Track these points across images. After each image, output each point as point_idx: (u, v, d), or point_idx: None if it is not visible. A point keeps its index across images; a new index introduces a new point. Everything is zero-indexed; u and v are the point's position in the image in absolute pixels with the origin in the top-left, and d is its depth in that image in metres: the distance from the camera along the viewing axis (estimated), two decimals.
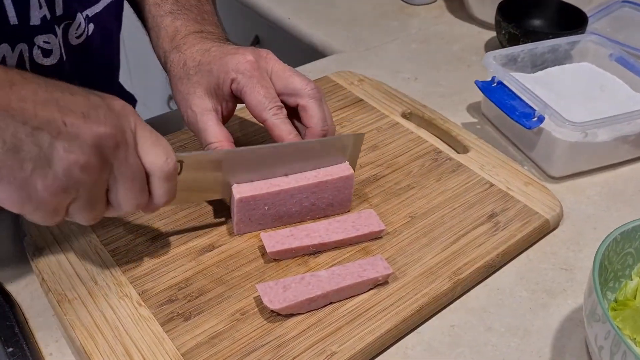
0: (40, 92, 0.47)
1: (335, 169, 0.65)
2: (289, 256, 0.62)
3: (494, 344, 0.58)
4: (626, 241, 0.57)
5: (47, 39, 0.66)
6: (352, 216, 0.65)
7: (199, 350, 0.53)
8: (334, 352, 0.53)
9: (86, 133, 0.47)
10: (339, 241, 0.63)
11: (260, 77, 0.62)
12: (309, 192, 0.64)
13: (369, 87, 0.87)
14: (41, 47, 0.66)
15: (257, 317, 0.56)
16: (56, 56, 0.68)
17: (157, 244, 0.63)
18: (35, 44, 0.66)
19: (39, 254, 0.61)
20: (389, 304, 0.58)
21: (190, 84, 0.64)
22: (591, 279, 0.51)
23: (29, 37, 0.65)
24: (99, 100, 0.50)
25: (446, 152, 0.76)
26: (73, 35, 0.71)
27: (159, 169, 0.52)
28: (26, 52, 0.65)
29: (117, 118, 0.49)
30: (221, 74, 0.63)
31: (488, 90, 0.80)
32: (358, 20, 1.13)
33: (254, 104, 0.62)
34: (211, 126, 0.63)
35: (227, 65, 0.62)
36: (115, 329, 0.54)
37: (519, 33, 0.95)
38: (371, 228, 0.63)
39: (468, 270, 0.61)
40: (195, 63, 0.65)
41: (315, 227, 0.63)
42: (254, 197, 0.61)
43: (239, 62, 0.62)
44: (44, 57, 0.67)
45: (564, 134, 0.73)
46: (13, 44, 0.64)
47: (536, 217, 0.67)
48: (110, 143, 0.48)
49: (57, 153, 0.46)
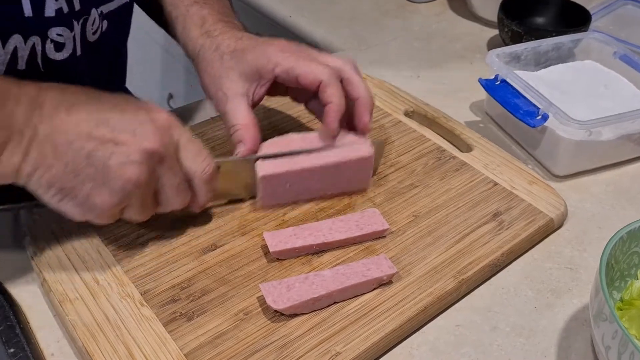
0: (93, 113, 0.53)
1: (355, 148, 0.66)
2: (292, 255, 0.61)
3: (499, 344, 0.57)
4: (632, 240, 0.56)
5: (61, 31, 0.66)
6: (356, 215, 0.64)
7: (202, 351, 0.53)
8: (338, 352, 0.53)
9: (136, 150, 0.53)
10: (343, 240, 0.62)
11: (307, 57, 0.66)
12: (330, 171, 0.66)
13: (371, 86, 0.86)
14: (54, 41, 0.66)
15: (260, 317, 0.56)
16: (68, 50, 0.69)
17: (159, 243, 0.62)
18: (49, 37, 0.66)
19: (40, 253, 0.60)
20: (394, 304, 0.57)
21: (224, 68, 0.67)
22: (598, 279, 0.51)
23: (43, 30, 0.65)
24: (145, 115, 0.55)
25: (449, 151, 0.76)
26: (90, 31, 0.71)
27: (200, 175, 0.58)
28: (39, 46, 0.66)
29: (162, 132, 0.55)
30: (261, 60, 0.65)
31: (492, 89, 0.79)
32: (359, 19, 1.13)
33: (310, 80, 0.64)
34: (241, 110, 0.66)
35: (267, 51, 0.66)
36: (117, 329, 0.54)
37: (522, 31, 0.95)
38: (375, 227, 0.63)
39: (473, 269, 0.61)
40: (230, 49, 0.67)
41: (318, 226, 0.63)
42: (276, 175, 0.64)
43: (280, 48, 0.66)
44: (56, 51, 0.67)
45: (568, 132, 0.73)
46: (26, 35, 0.64)
47: (541, 216, 0.67)
48: (157, 157, 0.54)
49: (111, 172, 0.52)
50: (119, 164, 0.52)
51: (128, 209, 0.56)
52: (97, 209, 0.54)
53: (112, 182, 0.52)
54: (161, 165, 0.55)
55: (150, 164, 0.54)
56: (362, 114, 0.66)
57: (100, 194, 0.53)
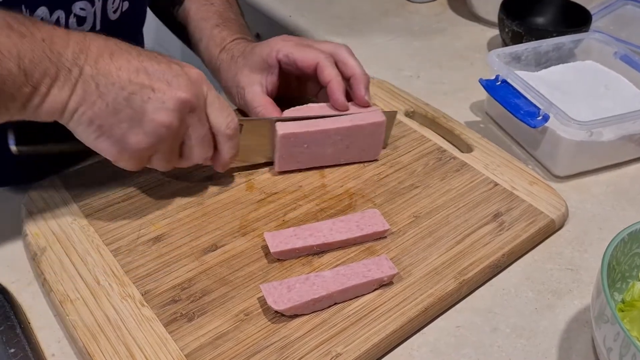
0: (133, 61, 0.57)
1: (369, 115, 0.72)
2: (292, 256, 0.61)
3: (500, 345, 0.57)
4: (634, 242, 0.56)
5: (84, 5, 0.68)
6: (356, 216, 0.64)
7: (203, 352, 0.53)
8: (339, 353, 0.53)
9: (170, 98, 0.57)
10: (343, 241, 0.62)
11: (300, 42, 0.75)
12: (344, 134, 0.70)
13: (371, 86, 0.86)
14: (77, 15, 0.68)
15: (261, 318, 0.56)
16: (89, 24, 0.70)
17: (159, 243, 0.62)
18: (72, 12, 0.68)
19: (41, 253, 0.60)
20: (394, 305, 0.57)
21: (237, 67, 0.76)
22: (599, 280, 0.51)
23: (68, 4, 0.67)
24: (179, 69, 0.59)
25: (450, 151, 0.76)
26: (111, 9, 0.73)
27: (225, 129, 0.62)
28: (63, 19, 0.67)
29: (194, 85, 0.59)
30: (265, 50, 0.74)
31: (492, 89, 0.79)
32: (359, 18, 1.13)
33: (302, 57, 0.72)
34: (258, 94, 0.74)
35: (270, 42, 0.75)
36: (117, 329, 0.54)
37: (523, 31, 0.95)
38: (375, 228, 0.63)
39: (473, 270, 0.61)
40: (240, 52, 0.77)
41: (319, 226, 0.63)
42: (294, 135, 0.68)
43: (283, 38, 0.75)
44: (78, 25, 0.69)
45: (569, 132, 0.72)
46: (52, 8, 0.65)
47: (541, 217, 0.67)
48: (188, 107, 0.59)
49: (147, 115, 0.57)
50: (155, 108, 0.57)
51: (156, 156, 0.60)
52: (130, 149, 0.57)
53: (146, 124, 0.57)
54: (191, 115, 0.59)
55: (182, 112, 0.58)
56: (358, 89, 0.72)
57: (135, 134, 0.57)
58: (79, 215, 0.64)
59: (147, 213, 0.65)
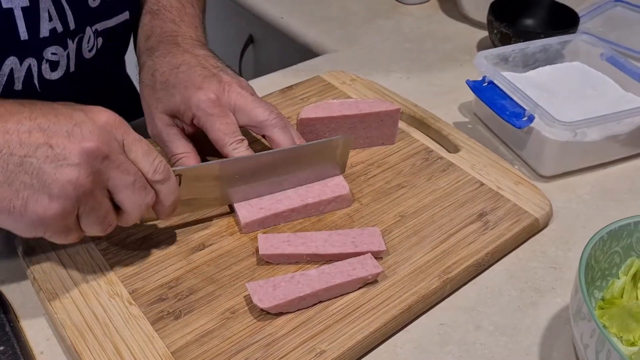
0: (24, 121, 0.50)
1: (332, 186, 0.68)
2: (281, 261, 0.61)
3: (483, 343, 0.58)
4: (613, 240, 0.57)
5: (55, 50, 0.67)
6: (355, 231, 0.63)
7: (189, 349, 0.53)
8: (323, 351, 0.54)
9: (72, 151, 0.50)
10: (335, 255, 0.61)
11: (220, 113, 0.65)
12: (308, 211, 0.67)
13: (361, 87, 0.87)
14: (49, 61, 0.67)
15: (247, 316, 0.56)
16: (62, 69, 0.69)
17: (147, 243, 0.63)
18: (44, 58, 0.66)
19: (30, 252, 0.61)
20: (378, 303, 0.58)
21: (155, 98, 0.68)
22: (577, 278, 0.51)
23: (38, 51, 0.66)
24: (82, 115, 0.52)
25: (437, 152, 0.77)
26: (86, 49, 0.72)
27: (152, 174, 0.55)
28: (35, 67, 0.66)
29: (101, 131, 0.52)
30: (182, 107, 0.66)
31: (479, 90, 0.80)
32: (351, 20, 1.14)
33: (215, 140, 0.65)
34: (176, 139, 0.67)
35: (190, 100, 0.65)
36: (105, 327, 0.55)
37: (511, 32, 0.95)
38: (371, 247, 0.62)
39: (457, 269, 0.62)
40: (163, 79, 0.68)
41: (314, 236, 0.62)
42: (258, 221, 0.65)
43: (200, 99, 0.64)
44: (51, 71, 0.68)
45: (554, 133, 0.73)
46: (22, 57, 0.65)
47: (526, 216, 0.68)
48: (97, 156, 0.51)
49: (48, 176, 0.49)
50: (55, 166, 0.49)
51: (83, 220, 0.52)
52: (41, 220, 0.50)
53: (50, 187, 0.49)
54: (107, 164, 0.52)
55: (91, 163, 0.50)
56: None
57: (39, 201, 0.49)
58: None
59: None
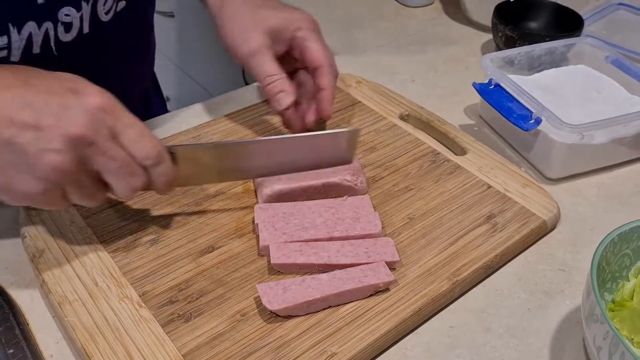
0: (16, 98, 0.50)
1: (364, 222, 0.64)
2: (293, 271, 0.61)
3: (493, 345, 0.58)
4: (623, 242, 0.57)
5: (68, 11, 0.67)
6: (368, 242, 0.62)
7: (200, 352, 0.53)
8: (334, 353, 0.54)
9: (58, 136, 0.49)
10: (347, 265, 0.60)
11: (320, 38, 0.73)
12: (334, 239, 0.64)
13: (366, 89, 0.88)
14: (64, 23, 0.67)
15: (257, 318, 0.56)
16: (76, 29, 0.69)
17: (157, 245, 0.63)
18: (59, 20, 0.67)
19: (39, 255, 0.61)
20: (388, 305, 0.58)
21: (254, 20, 0.71)
22: (589, 280, 0.51)
23: (54, 13, 0.66)
24: (75, 99, 0.51)
25: (444, 154, 0.77)
26: (102, 11, 0.71)
27: (143, 159, 0.55)
28: (51, 30, 0.66)
29: (91, 117, 0.51)
30: (287, 20, 0.72)
31: (485, 93, 0.80)
32: (355, 23, 1.14)
33: (312, 60, 0.71)
34: (274, 62, 0.71)
35: (294, 15, 0.73)
36: (116, 330, 0.55)
37: (516, 35, 0.96)
38: (384, 257, 0.61)
39: (467, 271, 0.62)
40: (259, 4, 0.72)
41: (326, 246, 0.62)
42: None
43: (304, 17, 0.73)
44: (65, 32, 0.68)
45: (561, 135, 0.73)
46: (40, 22, 0.65)
47: (534, 219, 0.68)
48: (85, 143, 0.51)
49: (31, 159, 0.49)
50: (39, 150, 0.49)
51: (70, 196, 0.54)
52: (26, 196, 0.51)
53: (34, 170, 0.50)
54: (92, 150, 0.51)
55: (76, 149, 0.50)
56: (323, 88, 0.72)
57: (23, 181, 0.50)
58: (77, 217, 0.65)
59: (145, 215, 0.66)
